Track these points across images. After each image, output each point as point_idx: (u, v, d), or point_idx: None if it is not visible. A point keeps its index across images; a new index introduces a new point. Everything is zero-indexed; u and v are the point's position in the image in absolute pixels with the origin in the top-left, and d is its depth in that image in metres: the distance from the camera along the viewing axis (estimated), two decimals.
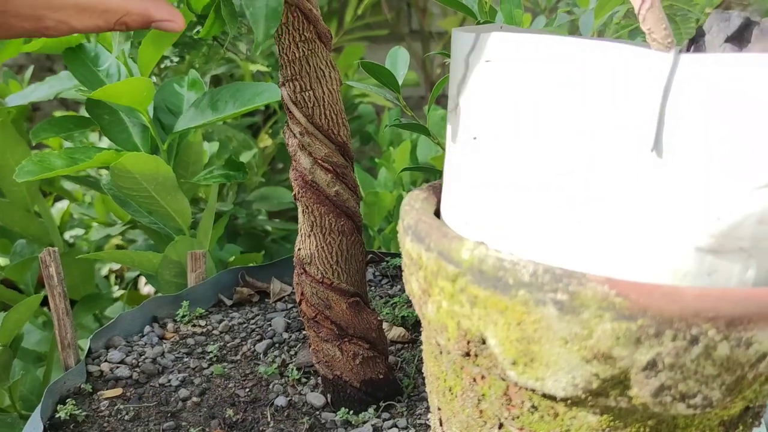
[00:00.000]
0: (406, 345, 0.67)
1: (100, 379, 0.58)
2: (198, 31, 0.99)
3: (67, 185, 1.28)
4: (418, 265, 0.34)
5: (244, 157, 1.26)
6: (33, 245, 0.94)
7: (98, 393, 0.55)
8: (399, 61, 0.69)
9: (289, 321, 0.73)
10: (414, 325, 0.71)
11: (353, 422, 0.53)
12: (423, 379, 0.61)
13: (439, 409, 0.39)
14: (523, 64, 0.32)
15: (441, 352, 0.36)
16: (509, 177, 0.33)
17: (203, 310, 0.71)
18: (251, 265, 0.84)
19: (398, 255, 0.84)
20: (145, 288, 1.31)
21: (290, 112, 0.53)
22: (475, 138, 0.35)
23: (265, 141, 1.52)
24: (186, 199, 0.79)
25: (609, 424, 0.31)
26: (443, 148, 0.70)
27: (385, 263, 0.83)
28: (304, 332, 0.69)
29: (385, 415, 0.54)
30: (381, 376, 0.56)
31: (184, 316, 0.70)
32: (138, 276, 1.29)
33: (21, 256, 0.92)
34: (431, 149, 1.27)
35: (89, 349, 0.61)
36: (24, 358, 0.86)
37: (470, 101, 0.36)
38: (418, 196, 0.40)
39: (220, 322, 0.71)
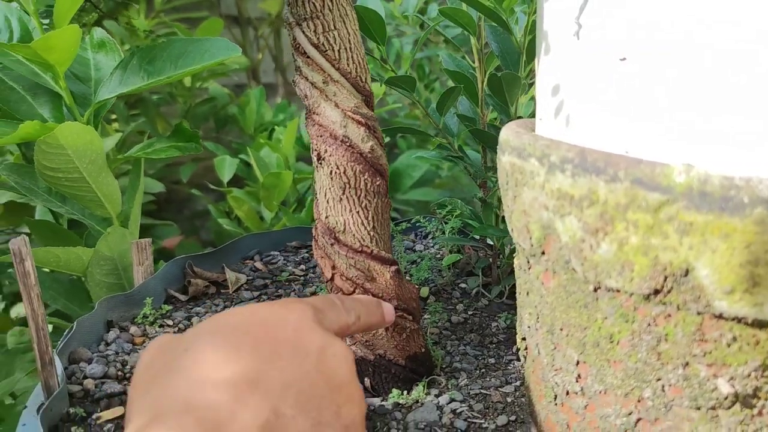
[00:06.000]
0: None
1: (87, 400, 0.47)
2: None
3: None
4: (589, 201, 0.31)
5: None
6: None
7: (94, 416, 0.45)
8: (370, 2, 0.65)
9: None
10: None
11: (406, 403, 0.49)
12: (445, 348, 0.58)
13: (577, 363, 0.36)
14: None
15: (597, 299, 0.34)
16: (692, 95, 0.31)
17: (170, 307, 0.61)
18: (197, 254, 0.74)
19: None
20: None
21: (308, 57, 0.46)
22: (623, 59, 0.33)
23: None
24: (116, 181, 0.67)
25: None
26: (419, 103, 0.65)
27: None
28: None
29: (434, 391, 0.51)
30: (423, 350, 0.52)
31: (146, 317, 0.59)
32: None
33: None
34: None
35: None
36: None
37: (608, 17, 0.34)
38: (527, 131, 0.37)
39: (188, 318, 0.62)
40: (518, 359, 0.57)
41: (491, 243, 0.71)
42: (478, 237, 0.72)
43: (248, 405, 0.29)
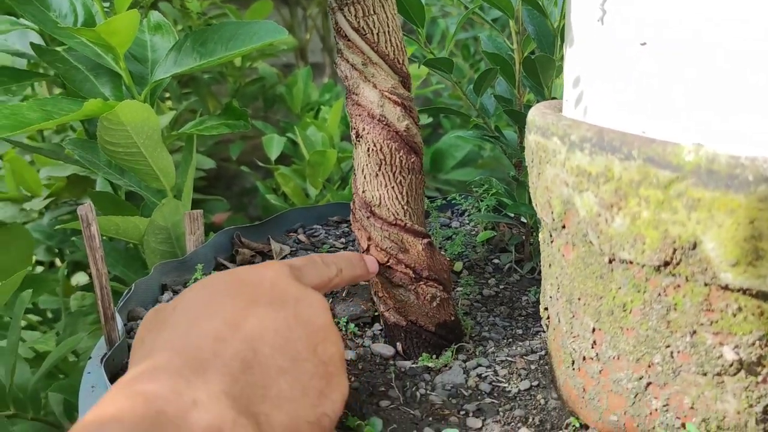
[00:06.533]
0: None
1: None
2: None
3: None
4: (605, 178, 0.33)
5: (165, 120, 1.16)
6: None
7: None
8: None
9: None
10: None
11: (435, 366, 0.51)
12: (475, 319, 0.61)
13: (593, 330, 0.39)
14: None
15: (612, 270, 0.36)
16: (709, 94, 0.32)
17: None
18: (244, 225, 0.78)
19: None
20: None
21: (349, 40, 0.49)
22: (644, 44, 0.35)
23: None
24: (170, 156, 0.72)
25: None
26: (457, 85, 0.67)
27: None
28: None
29: (462, 356, 0.53)
30: (453, 318, 0.55)
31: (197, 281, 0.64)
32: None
33: None
34: None
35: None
36: None
37: (617, 15, 0.35)
38: (553, 111, 0.39)
39: None
40: (545, 331, 0.59)
41: (524, 221, 0.73)
42: (512, 215, 0.74)
43: (228, 345, 0.33)
